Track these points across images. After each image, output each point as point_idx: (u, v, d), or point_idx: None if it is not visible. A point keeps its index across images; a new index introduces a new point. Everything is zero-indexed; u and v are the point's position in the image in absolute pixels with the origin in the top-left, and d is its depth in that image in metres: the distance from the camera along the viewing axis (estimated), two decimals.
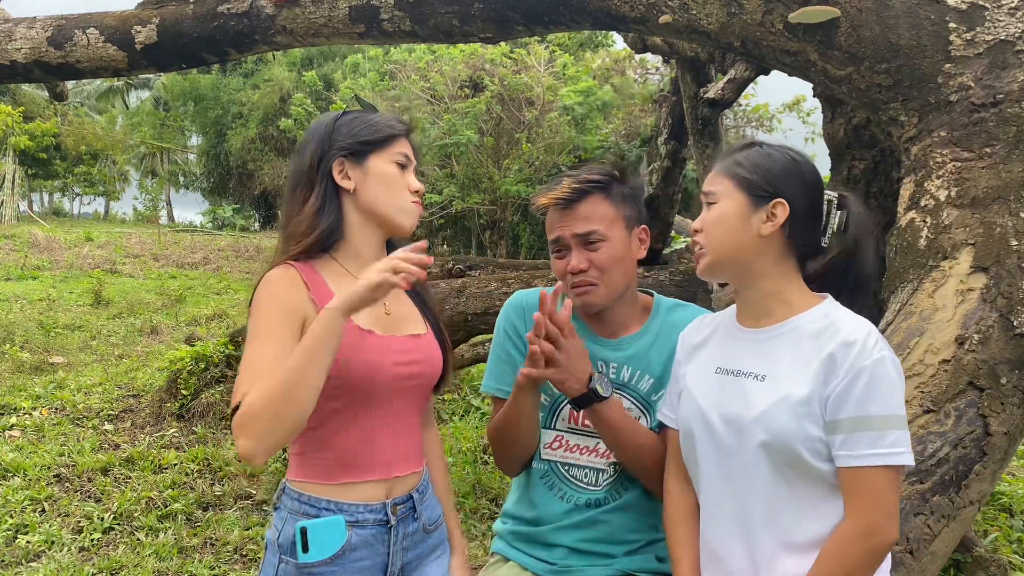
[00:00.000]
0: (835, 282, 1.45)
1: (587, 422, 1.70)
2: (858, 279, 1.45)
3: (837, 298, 1.43)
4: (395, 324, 1.54)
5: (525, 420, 1.66)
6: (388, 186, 1.52)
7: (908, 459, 1.28)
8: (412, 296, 1.64)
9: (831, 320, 1.36)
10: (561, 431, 1.74)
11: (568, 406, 1.73)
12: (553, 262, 1.73)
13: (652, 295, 1.81)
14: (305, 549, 1.41)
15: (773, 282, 1.42)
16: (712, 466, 1.42)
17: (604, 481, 1.72)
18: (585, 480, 1.73)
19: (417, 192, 1.56)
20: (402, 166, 1.55)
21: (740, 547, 1.38)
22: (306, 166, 1.53)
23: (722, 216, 1.42)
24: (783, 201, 1.38)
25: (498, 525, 1.89)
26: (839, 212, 1.43)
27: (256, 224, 31.81)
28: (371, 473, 1.47)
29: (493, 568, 1.80)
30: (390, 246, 1.59)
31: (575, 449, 1.73)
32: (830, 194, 1.43)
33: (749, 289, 1.44)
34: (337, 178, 1.51)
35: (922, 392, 1.76)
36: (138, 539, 3.47)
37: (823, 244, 1.43)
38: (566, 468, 1.74)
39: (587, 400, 1.57)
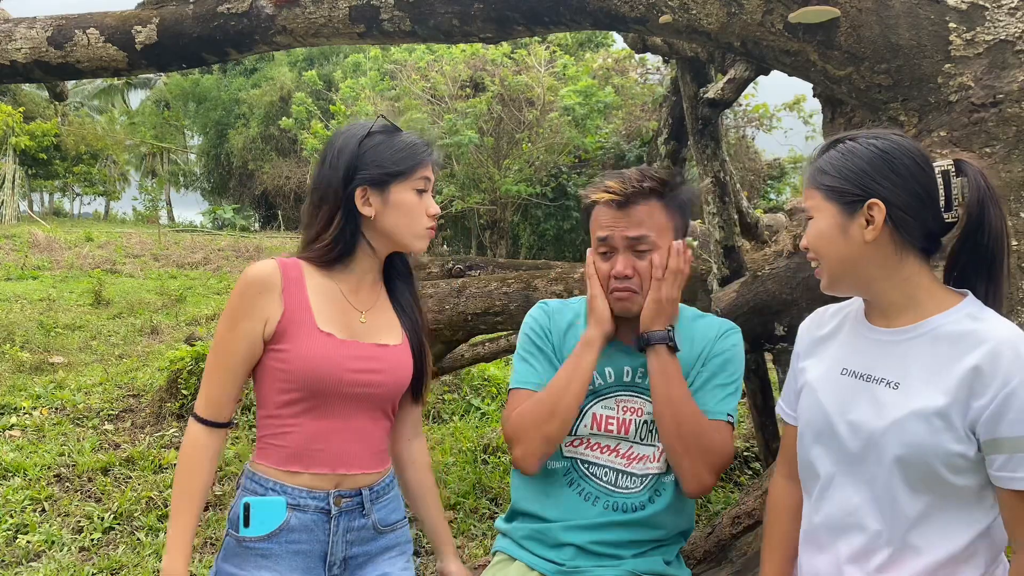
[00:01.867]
0: (963, 258, 1.33)
1: (610, 427, 1.71)
2: (987, 248, 1.30)
3: (970, 275, 1.32)
4: (365, 332, 1.59)
5: (579, 382, 1.65)
6: (407, 215, 1.58)
7: None
8: (396, 306, 1.69)
9: (976, 324, 1.24)
10: (582, 435, 1.74)
11: (591, 411, 1.73)
12: (596, 262, 1.70)
13: None
14: (247, 524, 1.50)
15: (900, 283, 1.31)
16: (833, 470, 1.35)
17: (629, 486, 1.71)
18: (606, 479, 1.72)
19: (433, 216, 1.63)
20: (421, 191, 1.60)
21: (859, 556, 1.31)
22: (333, 184, 1.57)
23: (821, 233, 1.33)
24: (877, 201, 1.27)
25: (502, 524, 1.87)
26: (958, 179, 1.29)
27: (256, 224, 31.78)
28: (318, 467, 1.54)
29: (499, 568, 1.78)
30: (390, 261, 1.68)
31: (596, 447, 1.73)
32: (942, 164, 1.30)
33: (878, 295, 1.34)
34: (359, 204, 1.56)
35: None
36: (138, 539, 3.47)
37: (950, 219, 1.30)
38: (586, 466, 1.74)
39: (663, 338, 1.62)
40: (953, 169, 1.29)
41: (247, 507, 1.51)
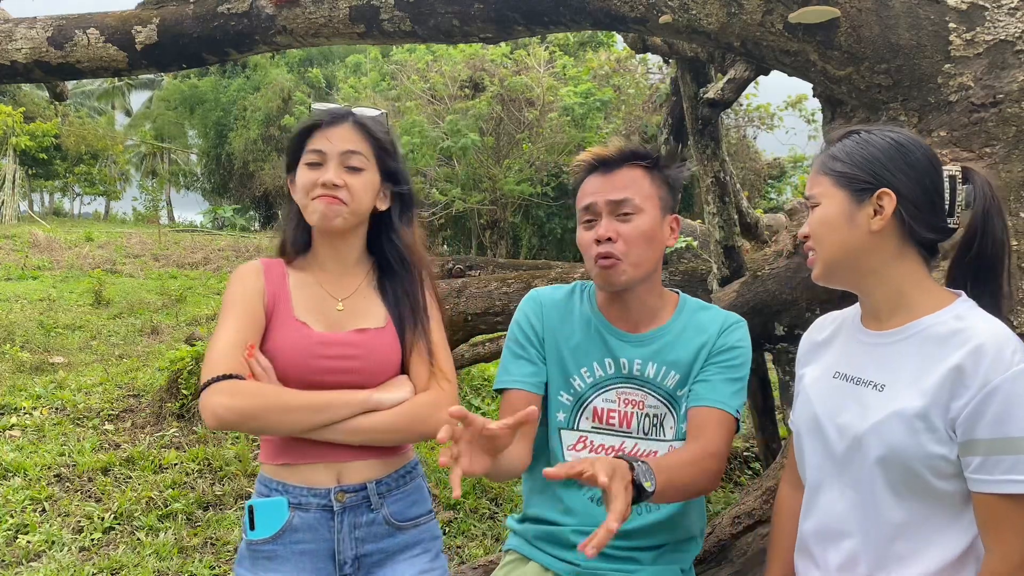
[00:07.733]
0: (964, 266, 1.32)
1: (611, 420, 1.68)
2: (984, 259, 1.29)
3: (964, 283, 1.31)
4: (342, 319, 1.58)
5: (504, 470, 1.55)
6: (301, 191, 1.58)
7: None
8: (383, 290, 1.64)
9: (963, 324, 1.21)
10: (585, 431, 1.70)
11: (592, 404, 1.69)
12: (580, 234, 1.67)
13: (678, 293, 1.78)
14: (252, 527, 1.49)
15: (895, 280, 1.29)
16: (821, 476, 1.34)
17: None
18: None
19: (324, 184, 1.51)
20: (314, 164, 1.55)
21: (846, 565, 1.29)
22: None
23: (825, 218, 1.30)
24: (888, 191, 1.25)
25: (514, 524, 1.84)
26: (965, 187, 1.28)
27: (256, 224, 31.80)
28: (310, 458, 1.51)
29: (512, 567, 1.74)
30: (382, 252, 1.66)
31: (599, 449, 1.69)
32: (950, 169, 1.29)
33: (870, 291, 1.32)
34: (291, 193, 1.63)
35: None
36: (138, 539, 3.47)
37: (952, 225, 1.29)
38: None
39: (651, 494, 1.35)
40: (960, 176, 1.28)
41: (251, 510, 1.49)
